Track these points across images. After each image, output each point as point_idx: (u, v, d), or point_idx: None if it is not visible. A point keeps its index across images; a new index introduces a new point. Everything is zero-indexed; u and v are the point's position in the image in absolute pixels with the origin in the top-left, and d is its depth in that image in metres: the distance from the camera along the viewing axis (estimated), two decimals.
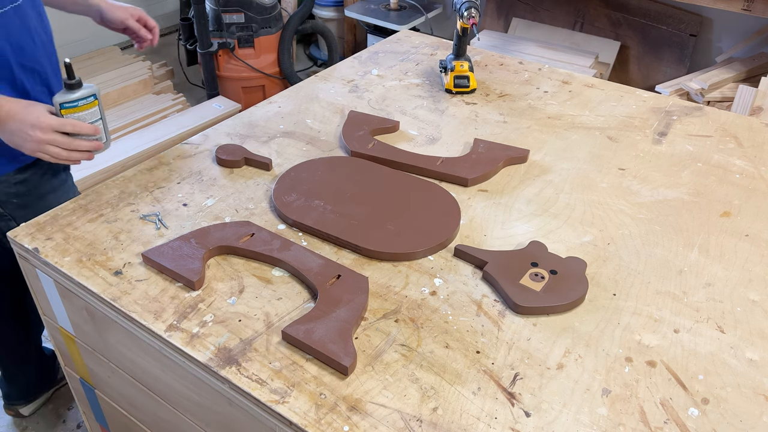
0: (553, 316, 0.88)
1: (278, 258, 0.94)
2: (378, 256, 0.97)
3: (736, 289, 0.93)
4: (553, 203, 1.11)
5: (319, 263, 0.93)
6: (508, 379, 0.79)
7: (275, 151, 1.24)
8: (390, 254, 0.97)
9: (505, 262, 0.94)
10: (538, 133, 1.31)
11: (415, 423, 0.73)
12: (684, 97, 2.31)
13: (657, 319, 0.88)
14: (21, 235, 1.02)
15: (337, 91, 1.48)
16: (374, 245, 0.98)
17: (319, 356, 0.80)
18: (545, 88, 1.50)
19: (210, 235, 0.98)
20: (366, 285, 0.90)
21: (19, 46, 1.09)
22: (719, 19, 2.50)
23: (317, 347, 0.80)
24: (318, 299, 0.87)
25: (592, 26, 2.77)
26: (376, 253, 0.97)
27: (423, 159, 1.19)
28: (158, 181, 1.15)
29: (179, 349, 0.83)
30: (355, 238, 0.99)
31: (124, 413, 1.12)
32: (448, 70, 1.47)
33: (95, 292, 0.91)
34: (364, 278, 0.91)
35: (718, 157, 1.24)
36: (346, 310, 0.85)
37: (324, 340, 0.80)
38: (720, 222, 1.07)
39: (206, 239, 0.97)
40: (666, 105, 1.43)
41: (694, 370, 0.81)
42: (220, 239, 0.97)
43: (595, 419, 0.74)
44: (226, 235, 0.98)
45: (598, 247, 1.01)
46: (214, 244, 0.97)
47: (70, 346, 1.11)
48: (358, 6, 3.15)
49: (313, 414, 0.74)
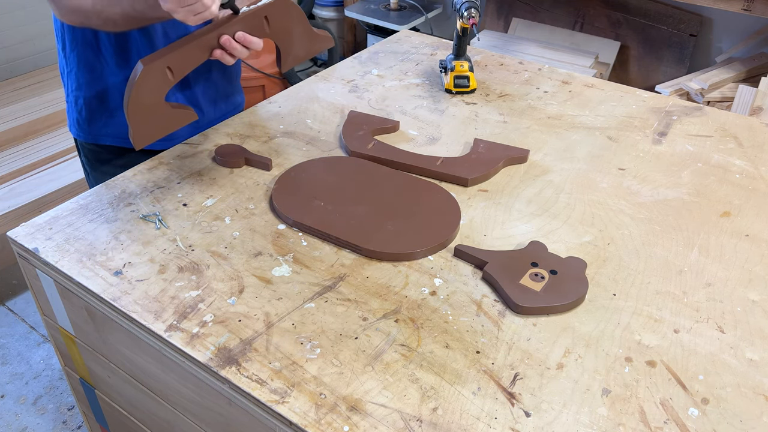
0: (553, 316, 0.88)
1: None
2: (378, 256, 0.98)
3: (736, 289, 0.93)
4: (553, 203, 1.11)
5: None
6: (508, 379, 0.79)
7: (275, 151, 1.24)
8: (390, 254, 0.97)
9: (505, 262, 0.94)
10: (538, 133, 1.31)
11: (415, 423, 0.73)
12: (684, 97, 2.31)
13: (657, 319, 0.88)
14: (21, 235, 1.02)
15: (337, 91, 1.48)
16: (374, 245, 0.98)
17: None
18: (545, 88, 1.50)
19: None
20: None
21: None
22: (719, 19, 2.50)
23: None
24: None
25: (592, 26, 2.77)
26: (376, 253, 0.97)
27: (423, 159, 1.19)
28: (158, 181, 1.15)
29: (179, 349, 0.83)
30: (355, 238, 0.99)
31: (124, 413, 1.12)
32: (448, 70, 1.47)
33: (95, 292, 0.91)
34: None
35: (718, 157, 1.24)
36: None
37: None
38: (720, 222, 1.07)
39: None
40: (666, 105, 1.43)
41: (694, 370, 0.81)
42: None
43: (595, 419, 0.74)
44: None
45: (598, 247, 1.01)
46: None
47: (70, 346, 1.11)
48: (358, 6, 3.15)
49: (313, 414, 0.74)
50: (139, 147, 1.05)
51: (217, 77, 1.34)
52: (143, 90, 1.02)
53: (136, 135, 1.04)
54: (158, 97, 1.05)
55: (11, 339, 2.11)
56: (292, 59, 1.18)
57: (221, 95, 1.36)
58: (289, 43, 1.16)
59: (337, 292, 0.92)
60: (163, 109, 1.07)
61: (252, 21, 1.07)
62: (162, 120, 1.08)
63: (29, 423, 1.64)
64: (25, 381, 1.95)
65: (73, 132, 1.33)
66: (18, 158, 2.43)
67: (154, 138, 1.08)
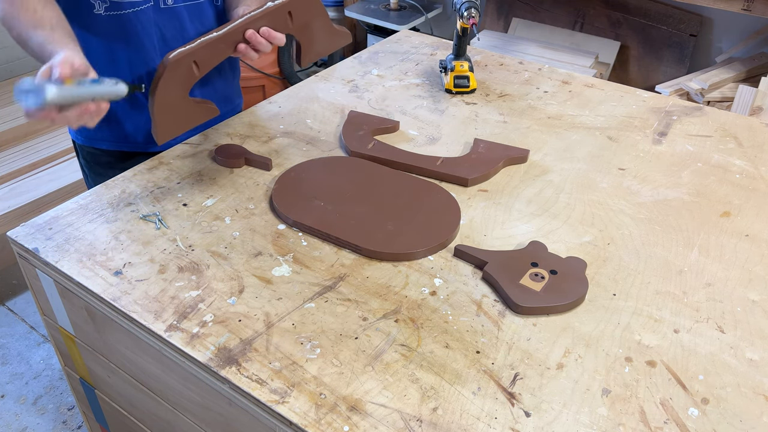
0: (553, 316, 0.88)
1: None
2: (378, 256, 0.98)
3: (736, 289, 0.93)
4: (553, 203, 1.11)
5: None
6: (508, 379, 0.79)
7: (275, 151, 1.24)
8: (390, 254, 0.97)
9: (505, 262, 0.94)
10: (538, 133, 1.31)
11: (415, 423, 0.73)
12: (684, 97, 2.31)
13: (657, 319, 0.88)
14: (21, 235, 1.02)
15: (337, 91, 1.48)
16: (374, 245, 0.98)
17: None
18: (545, 88, 1.50)
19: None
20: None
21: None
22: (719, 19, 2.50)
23: None
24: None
25: (592, 26, 2.77)
26: (376, 253, 0.97)
27: (423, 159, 1.19)
28: (158, 181, 1.15)
29: (179, 349, 0.83)
30: (355, 238, 0.99)
31: (124, 413, 1.12)
32: (448, 70, 1.47)
33: (95, 292, 0.91)
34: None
35: (718, 157, 1.24)
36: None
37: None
38: (720, 222, 1.07)
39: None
40: (666, 105, 1.43)
41: (694, 370, 0.81)
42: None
43: (595, 419, 0.74)
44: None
45: (598, 247, 1.01)
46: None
47: (70, 346, 1.11)
48: (358, 6, 3.15)
49: (313, 414, 0.74)
50: (162, 142, 1.06)
51: (215, 79, 1.34)
52: (169, 84, 1.02)
53: (160, 130, 1.05)
54: (183, 91, 1.05)
55: (11, 339, 2.11)
56: (313, 54, 1.19)
57: (220, 97, 1.36)
58: (311, 38, 1.16)
59: (337, 292, 0.92)
60: (186, 104, 1.08)
61: (276, 16, 1.08)
62: (185, 115, 1.08)
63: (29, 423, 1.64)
64: (25, 381, 1.95)
65: (71, 134, 1.33)
66: (18, 158, 2.43)
67: (176, 133, 1.08)
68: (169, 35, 1.20)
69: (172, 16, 1.18)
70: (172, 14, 1.18)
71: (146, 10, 1.15)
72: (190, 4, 1.20)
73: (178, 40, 1.21)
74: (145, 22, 1.16)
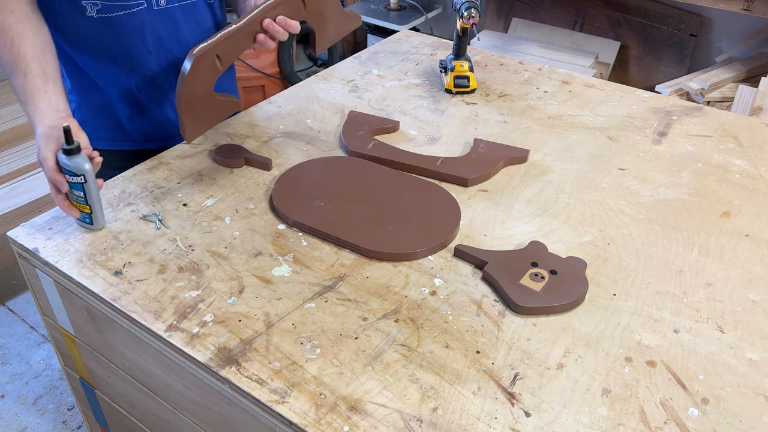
0: (553, 316, 0.88)
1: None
2: (378, 256, 0.98)
3: (736, 289, 0.93)
4: (553, 203, 1.11)
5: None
6: (508, 379, 0.79)
7: (275, 151, 1.24)
8: (390, 254, 0.97)
9: (505, 262, 0.94)
10: (538, 133, 1.31)
11: (415, 423, 0.73)
12: (684, 97, 2.31)
13: (657, 319, 0.88)
14: (21, 235, 1.02)
15: (337, 91, 1.48)
16: (374, 245, 0.98)
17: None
18: (545, 88, 1.50)
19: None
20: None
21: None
22: (719, 19, 2.50)
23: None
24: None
25: (592, 26, 2.77)
26: (376, 253, 0.97)
27: (423, 159, 1.19)
28: (158, 181, 1.15)
29: (179, 349, 0.83)
30: (355, 238, 0.99)
31: (124, 413, 1.12)
32: (448, 70, 1.47)
33: (95, 292, 0.91)
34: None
35: (718, 157, 1.24)
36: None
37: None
38: (720, 222, 1.07)
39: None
40: (666, 105, 1.43)
41: (694, 370, 0.81)
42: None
43: (595, 419, 0.74)
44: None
45: (598, 247, 1.01)
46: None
47: (70, 346, 1.11)
48: (358, 6, 3.15)
49: (313, 414, 0.74)
50: (190, 140, 1.07)
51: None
52: (195, 80, 1.03)
53: (188, 128, 1.05)
54: (208, 86, 1.06)
55: (11, 339, 2.11)
56: (327, 41, 1.19)
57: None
58: (323, 24, 1.17)
59: (337, 292, 0.92)
60: (211, 100, 1.08)
61: (291, 3, 1.09)
62: (211, 110, 1.09)
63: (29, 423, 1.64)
64: (25, 381, 1.95)
65: None
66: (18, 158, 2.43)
67: (203, 131, 1.09)
68: (164, 36, 1.20)
69: (166, 17, 1.18)
70: (166, 15, 1.18)
71: (139, 12, 1.14)
72: (184, 4, 1.20)
73: (173, 41, 1.21)
74: (139, 24, 1.16)
